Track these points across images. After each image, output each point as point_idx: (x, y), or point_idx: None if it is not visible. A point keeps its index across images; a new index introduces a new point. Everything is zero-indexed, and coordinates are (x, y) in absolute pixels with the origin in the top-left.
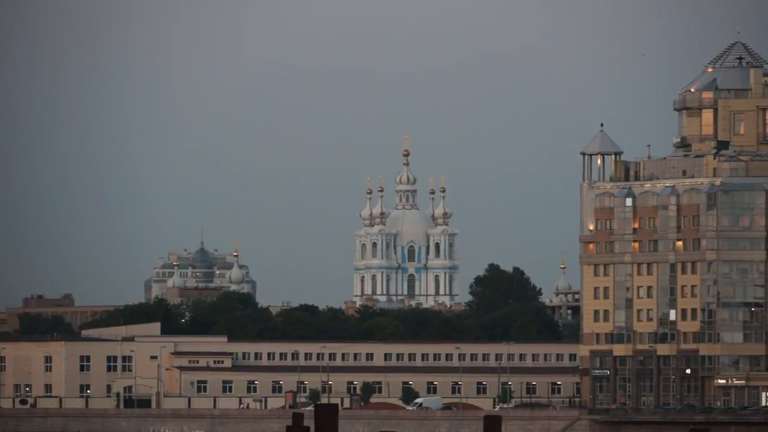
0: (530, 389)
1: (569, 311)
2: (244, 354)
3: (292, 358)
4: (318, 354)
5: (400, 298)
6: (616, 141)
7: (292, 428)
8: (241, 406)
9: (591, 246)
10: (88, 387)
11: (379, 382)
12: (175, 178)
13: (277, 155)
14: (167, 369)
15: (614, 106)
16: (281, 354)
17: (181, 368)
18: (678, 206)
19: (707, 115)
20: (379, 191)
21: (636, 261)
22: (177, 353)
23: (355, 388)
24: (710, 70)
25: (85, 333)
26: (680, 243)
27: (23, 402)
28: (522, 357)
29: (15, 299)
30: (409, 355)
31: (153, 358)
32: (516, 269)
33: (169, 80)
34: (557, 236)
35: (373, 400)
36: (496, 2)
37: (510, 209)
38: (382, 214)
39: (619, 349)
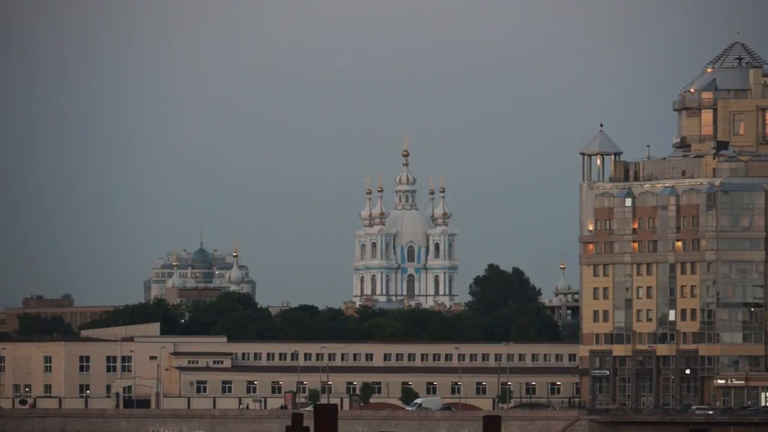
0: (530, 389)
1: (569, 311)
2: (243, 354)
3: (292, 359)
4: (317, 354)
5: (399, 298)
6: (616, 141)
7: (292, 428)
8: (241, 406)
9: (590, 246)
10: (87, 387)
11: (379, 383)
12: (175, 178)
13: (277, 155)
14: (167, 369)
15: (614, 106)
16: (281, 354)
17: (181, 368)
18: (677, 206)
19: (707, 116)
20: (379, 191)
21: (635, 261)
22: (176, 353)
23: (354, 389)
24: (710, 70)
25: (84, 333)
26: (680, 243)
27: (23, 402)
28: (522, 357)
29: (15, 299)
30: (409, 355)
31: (152, 358)
32: (516, 269)
33: (170, 79)
34: (557, 236)
35: (372, 400)
36: (495, 2)
37: (510, 209)
38: (381, 214)
39: (618, 350)
